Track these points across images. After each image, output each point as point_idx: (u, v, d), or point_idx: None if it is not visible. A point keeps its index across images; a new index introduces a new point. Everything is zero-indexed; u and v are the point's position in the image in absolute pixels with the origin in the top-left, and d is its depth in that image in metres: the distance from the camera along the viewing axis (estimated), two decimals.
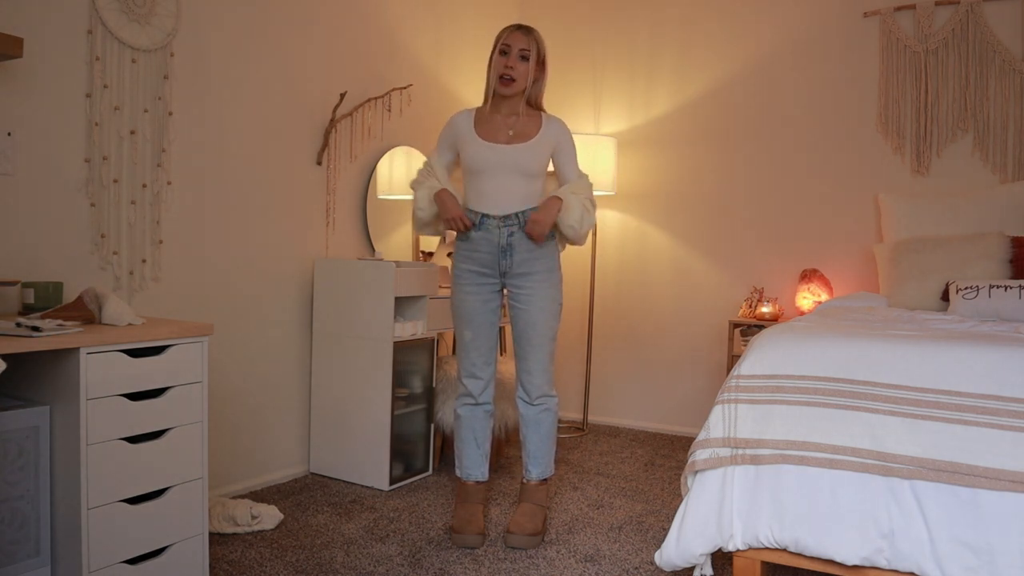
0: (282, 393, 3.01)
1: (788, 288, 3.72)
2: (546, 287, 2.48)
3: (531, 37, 2.43)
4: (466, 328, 2.52)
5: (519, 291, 2.48)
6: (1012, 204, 3.07)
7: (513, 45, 2.41)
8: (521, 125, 2.47)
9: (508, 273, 2.48)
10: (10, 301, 2.08)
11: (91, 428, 1.74)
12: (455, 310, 2.55)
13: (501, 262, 2.46)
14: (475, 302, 2.50)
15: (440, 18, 3.78)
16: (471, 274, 2.49)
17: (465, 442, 2.60)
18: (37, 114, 2.17)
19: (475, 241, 2.47)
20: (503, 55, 2.42)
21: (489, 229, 2.45)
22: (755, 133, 3.82)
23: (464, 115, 2.53)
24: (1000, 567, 1.58)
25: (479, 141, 2.45)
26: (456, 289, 2.53)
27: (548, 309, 2.49)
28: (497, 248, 2.45)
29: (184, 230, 2.60)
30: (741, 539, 1.84)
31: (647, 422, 4.11)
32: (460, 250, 2.52)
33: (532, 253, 2.46)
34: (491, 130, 2.46)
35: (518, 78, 2.41)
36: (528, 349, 2.51)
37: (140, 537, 1.86)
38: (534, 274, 2.47)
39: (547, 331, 2.50)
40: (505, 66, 2.41)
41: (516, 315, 2.51)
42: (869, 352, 1.80)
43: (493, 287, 2.51)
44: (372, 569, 2.23)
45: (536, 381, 2.52)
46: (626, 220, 4.17)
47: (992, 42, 3.28)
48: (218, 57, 2.68)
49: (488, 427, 2.62)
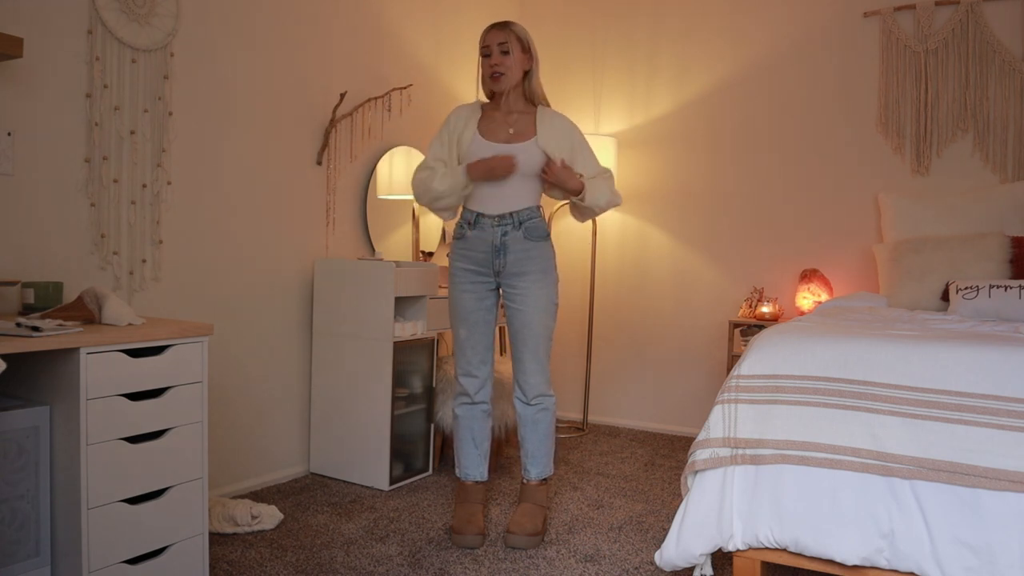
0: (282, 393, 3.01)
1: (788, 288, 3.72)
2: (541, 287, 2.48)
3: (507, 30, 2.43)
4: (461, 326, 2.53)
5: (514, 291, 2.48)
6: (1012, 204, 3.07)
7: (491, 44, 2.43)
8: (522, 123, 2.47)
9: (502, 273, 2.47)
10: (10, 301, 2.08)
11: (91, 428, 1.74)
12: (451, 308, 2.56)
13: (495, 261, 2.46)
14: (470, 300, 2.50)
15: (440, 18, 3.78)
16: (466, 272, 2.49)
17: (463, 442, 2.60)
18: (37, 114, 2.17)
19: (470, 240, 2.47)
20: (486, 57, 2.44)
21: (484, 228, 2.45)
22: (755, 133, 3.82)
23: (465, 109, 2.53)
24: (1000, 567, 1.58)
25: (480, 139, 2.45)
26: (452, 288, 2.54)
27: (543, 309, 2.49)
28: (491, 248, 2.45)
29: (184, 230, 2.60)
30: (741, 539, 1.84)
31: (647, 422, 4.11)
32: (456, 249, 2.52)
33: (527, 253, 2.46)
34: (492, 128, 2.46)
35: (506, 71, 2.42)
36: (523, 349, 2.51)
37: (140, 537, 1.86)
38: (528, 274, 2.46)
39: (543, 331, 2.50)
40: (491, 65, 2.42)
41: (511, 315, 2.51)
42: (869, 352, 1.80)
43: (488, 286, 2.51)
44: (372, 569, 2.23)
45: (532, 381, 2.52)
46: (626, 220, 4.17)
47: (992, 42, 3.28)
48: (218, 57, 2.68)
49: (486, 427, 2.63)
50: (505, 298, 2.52)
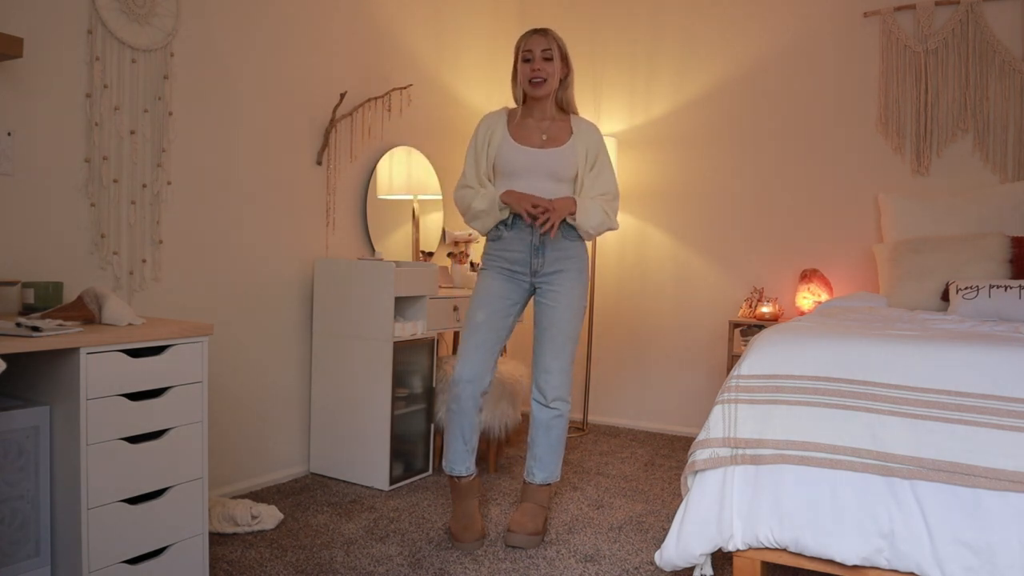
0: (282, 393, 3.01)
1: (788, 288, 3.72)
2: (575, 286, 2.49)
3: (549, 36, 2.45)
4: (480, 309, 2.46)
5: (549, 288, 2.48)
6: (1012, 204, 3.07)
7: (534, 49, 2.43)
8: (555, 130, 2.49)
9: (539, 272, 2.48)
10: (10, 301, 2.08)
11: (91, 428, 1.74)
12: (474, 297, 2.51)
13: (533, 260, 2.47)
14: (498, 287, 2.47)
15: (440, 18, 3.79)
16: (501, 271, 2.49)
17: (452, 436, 2.50)
18: (37, 114, 2.17)
19: (507, 241, 2.47)
20: (527, 62, 2.44)
21: (521, 228, 2.46)
22: (755, 133, 3.82)
23: (496, 116, 2.53)
24: (1000, 567, 1.58)
25: (513, 144, 2.46)
26: (482, 277, 2.52)
27: (575, 308, 2.49)
28: (529, 247, 2.46)
29: (184, 230, 2.60)
30: (741, 539, 1.84)
31: (647, 422, 4.11)
32: (491, 251, 2.52)
33: (565, 252, 2.47)
34: (524, 134, 2.48)
35: (548, 78, 2.43)
36: (550, 347, 2.49)
37: (140, 537, 1.86)
38: (565, 272, 2.47)
39: (571, 331, 2.49)
40: (533, 70, 2.42)
41: (542, 313, 2.50)
42: (869, 352, 1.80)
43: (521, 284, 2.50)
44: (372, 569, 2.23)
45: (554, 382, 2.50)
46: (626, 220, 4.17)
47: (992, 42, 3.28)
48: (218, 57, 2.68)
49: (475, 423, 2.51)
50: (538, 295, 2.51)
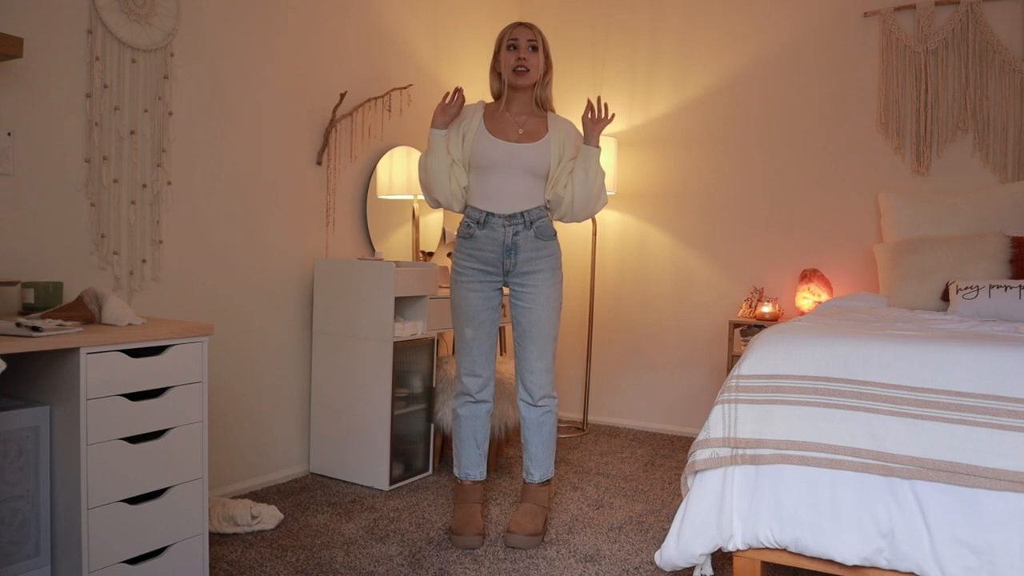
0: (282, 393, 3.01)
1: (788, 288, 3.72)
2: (550, 285, 2.48)
3: (535, 29, 2.46)
4: (467, 326, 2.51)
5: (523, 289, 2.48)
6: (1012, 204, 3.07)
7: (520, 38, 2.43)
8: (532, 125, 2.47)
9: (512, 272, 2.47)
10: (10, 301, 2.08)
11: (91, 428, 1.74)
12: (455, 308, 2.54)
13: (505, 261, 2.46)
14: (477, 300, 2.49)
15: (440, 18, 3.79)
16: (473, 272, 2.48)
17: (464, 442, 2.59)
18: (37, 114, 2.17)
19: (479, 239, 2.46)
20: (512, 50, 2.44)
21: (494, 227, 2.44)
22: (755, 133, 3.82)
23: (473, 108, 2.52)
24: (1000, 567, 1.58)
25: (488, 136, 2.44)
26: (457, 287, 2.52)
27: (552, 307, 2.49)
28: (502, 247, 2.45)
29: (184, 230, 2.60)
30: (741, 539, 1.84)
31: (647, 422, 4.10)
32: (462, 248, 2.51)
33: (538, 252, 2.46)
34: (501, 127, 2.46)
35: (532, 68, 2.43)
36: (531, 348, 2.50)
37: (140, 537, 1.86)
38: (538, 272, 2.47)
39: (551, 330, 2.50)
40: (518, 59, 2.42)
41: (519, 314, 2.50)
42: (869, 352, 1.80)
43: (495, 285, 2.51)
44: (372, 569, 2.23)
45: (539, 381, 2.52)
46: (626, 220, 4.17)
47: (992, 42, 3.28)
48: (218, 57, 2.68)
49: (488, 427, 2.62)
50: (512, 297, 2.52)
